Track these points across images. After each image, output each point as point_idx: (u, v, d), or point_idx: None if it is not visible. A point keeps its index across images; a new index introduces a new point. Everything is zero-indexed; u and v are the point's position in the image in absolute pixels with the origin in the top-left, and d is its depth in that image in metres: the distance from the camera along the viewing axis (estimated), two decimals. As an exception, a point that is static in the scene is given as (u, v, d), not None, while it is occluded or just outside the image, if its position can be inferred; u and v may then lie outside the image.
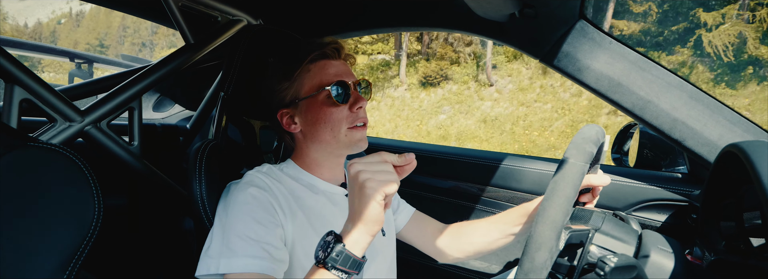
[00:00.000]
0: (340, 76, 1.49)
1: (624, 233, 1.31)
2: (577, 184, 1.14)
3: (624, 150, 2.30)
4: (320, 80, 1.48)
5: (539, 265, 1.05)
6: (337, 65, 1.52)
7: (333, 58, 1.53)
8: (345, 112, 1.48)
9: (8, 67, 1.54)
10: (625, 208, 1.96)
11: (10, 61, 1.55)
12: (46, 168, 1.17)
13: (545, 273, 1.06)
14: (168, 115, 3.03)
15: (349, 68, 1.57)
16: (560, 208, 1.10)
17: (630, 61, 1.63)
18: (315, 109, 1.48)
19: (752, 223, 1.18)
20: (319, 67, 1.50)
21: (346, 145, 1.51)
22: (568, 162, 1.18)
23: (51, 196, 1.17)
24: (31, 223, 1.12)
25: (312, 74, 1.49)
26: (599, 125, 1.34)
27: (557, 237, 1.08)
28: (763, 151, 1.03)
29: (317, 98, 1.48)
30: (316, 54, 1.49)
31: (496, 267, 2.35)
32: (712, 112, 1.58)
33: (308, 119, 1.51)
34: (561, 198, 1.12)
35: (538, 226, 1.09)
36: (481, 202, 2.38)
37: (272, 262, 1.27)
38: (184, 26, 2.03)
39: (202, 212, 1.45)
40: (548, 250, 1.06)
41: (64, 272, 1.17)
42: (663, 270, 1.21)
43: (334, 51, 1.52)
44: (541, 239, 1.07)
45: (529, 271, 1.06)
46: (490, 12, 1.69)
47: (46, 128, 1.71)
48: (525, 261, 1.08)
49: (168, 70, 2.01)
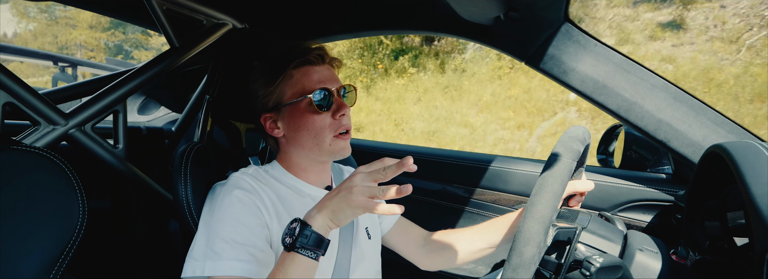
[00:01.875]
0: (323, 83, 1.47)
1: (610, 233, 1.32)
2: (565, 180, 1.15)
3: (609, 151, 2.31)
4: (303, 87, 1.47)
5: (527, 260, 1.06)
6: (320, 71, 1.50)
7: (316, 64, 1.51)
8: (328, 119, 1.47)
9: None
10: (611, 208, 1.97)
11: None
12: (29, 171, 1.17)
13: (533, 268, 1.06)
14: (153, 118, 3.01)
15: (334, 73, 1.56)
16: (548, 204, 1.11)
17: (615, 64, 1.64)
18: (297, 116, 1.48)
19: (736, 222, 1.19)
20: (301, 73, 1.48)
21: (329, 153, 1.50)
22: (556, 159, 1.19)
23: (35, 200, 1.16)
24: (15, 225, 1.11)
25: (294, 80, 1.48)
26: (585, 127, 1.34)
27: (545, 232, 1.09)
28: (747, 151, 1.04)
29: (299, 105, 1.47)
30: (300, 60, 1.48)
31: (482, 268, 2.35)
32: (696, 113, 1.59)
33: (291, 125, 1.50)
34: (549, 193, 1.12)
35: (527, 221, 1.09)
36: (468, 203, 2.38)
37: (258, 266, 1.27)
38: (168, 29, 2.02)
39: (188, 215, 1.44)
40: (536, 245, 1.07)
41: (48, 275, 1.17)
42: (648, 270, 1.22)
43: (317, 57, 1.50)
44: (530, 234, 1.08)
45: (518, 266, 1.06)
46: (475, 15, 1.70)
47: (29, 131, 1.69)
48: (513, 256, 1.08)
49: (153, 73, 2.00)
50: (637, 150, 2.12)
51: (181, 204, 1.44)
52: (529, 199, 1.15)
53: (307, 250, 1.15)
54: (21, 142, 1.19)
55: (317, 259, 1.17)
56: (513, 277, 1.07)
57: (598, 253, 1.21)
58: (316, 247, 1.16)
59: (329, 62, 1.56)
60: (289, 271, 1.15)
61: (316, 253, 1.16)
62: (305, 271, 1.17)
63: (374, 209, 1.14)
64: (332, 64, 1.58)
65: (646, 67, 1.64)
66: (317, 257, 1.17)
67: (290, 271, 1.15)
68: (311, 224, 1.17)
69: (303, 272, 1.16)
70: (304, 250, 1.15)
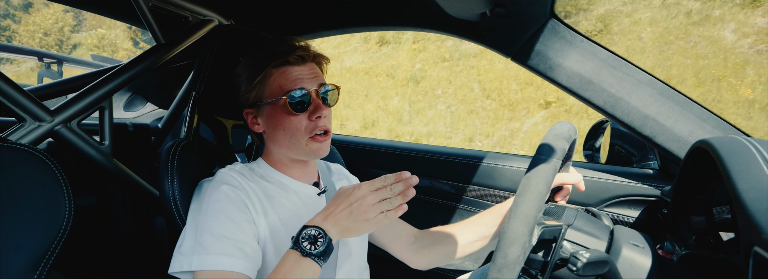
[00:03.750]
0: (301, 83, 1.46)
1: (596, 229, 1.32)
2: (549, 180, 1.15)
3: (595, 146, 2.31)
4: (280, 86, 1.46)
5: (512, 261, 1.06)
6: (299, 71, 1.48)
7: (295, 64, 1.49)
8: (304, 120, 1.46)
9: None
10: (597, 204, 1.97)
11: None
12: (15, 168, 1.16)
13: (518, 268, 1.06)
14: (139, 114, 3.00)
15: (317, 71, 1.54)
16: (533, 204, 1.11)
17: (601, 59, 1.65)
18: (275, 115, 1.48)
19: (722, 217, 1.20)
20: (280, 72, 1.47)
21: (305, 153, 1.50)
22: (541, 159, 1.19)
23: (21, 196, 1.16)
24: (1, 222, 1.10)
25: (272, 80, 1.47)
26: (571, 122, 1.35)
27: (530, 233, 1.09)
28: (733, 147, 1.05)
29: (277, 104, 1.46)
30: (280, 60, 1.47)
31: (469, 264, 2.35)
32: (682, 108, 1.60)
33: (269, 123, 1.51)
34: (533, 194, 1.12)
35: (511, 222, 1.09)
36: (457, 200, 2.39)
37: (245, 261, 1.27)
38: (154, 26, 2.01)
39: (174, 211, 1.44)
40: (521, 245, 1.07)
41: (34, 272, 1.16)
42: (635, 265, 1.22)
43: (297, 59, 1.48)
44: (514, 235, 1.08)
45: (502, 267, 1.06)
46: (461, 11, 1.70)
47: (15, 128, 1.68)
48: (498, 257, 1.08)
49: (139, 70, 1.99)
50: (623, 145, 2.13)
51: (167, 200, 1.44)
52: (514, 200, 1.15)
53: (321, 259, 1.19)
54: (6, 139, 1.18)
55: (321, 264, 1.21)
56: (498, 277, 1.07)
57: (584, 249, 1.21)
58: (327, 255, 1.21)
59: (313, 60, 1.54)
60: (302, 275, 1.19)
61: (325, 260, 1.21)
62: (313, 276, 1.21)
63: (389, 219, 1.22)
64: (315, 61, 1.56)
65: (632, 63, 1.65)
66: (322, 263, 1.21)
67: (303, 276, 1.19)
68: (331, 235, 1.22)
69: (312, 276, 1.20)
70: (320, 258, 1.19)
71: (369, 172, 2.61)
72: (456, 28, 1.89)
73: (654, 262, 1.23)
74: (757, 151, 0.98)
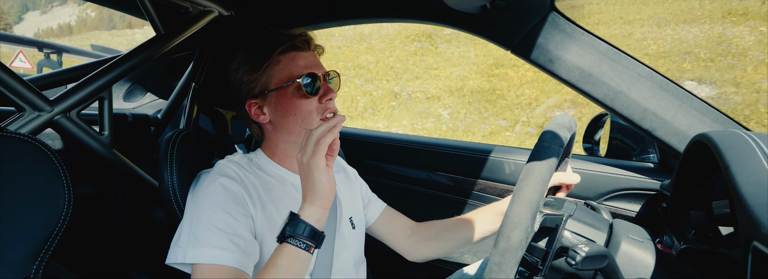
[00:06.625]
0: (310, 68, 1.48)
1: (596, 221, 1.32)
2: (552, 166, 1.15)
3: (595, 140, 2.31)
4: (290, 72, 1.47)
5: (515, 245, 1.06)
6: (306, 57, 1.51)
7: (303, 50, 1.52)
8: (314, 104, 1.48)
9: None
10: (597, 197, 1.98)
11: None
12: (14, 158, 1.16)
13: (520, 253, 1.06)
14: (139, 105, 3.00)
15: (318, 59, 1.57)
16: (536, 188, 1.11)
17: (601, 53, 1.64)
18: (285, 101, 1.48)
19: (721, 211, 1.20)
20: (288, 58, 1.49)
21: None
22: (544, 145, 1.19)
23: (20, 186, 1.16)
24: (0, 212, 1.10)
25: (281, 66, 1.48)
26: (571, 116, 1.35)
27: (533, 217, 1.09)
28: (732, 140, 1.05)
29: (287, 90, 1.47)
30: (287, 46, 1.48)
31: (468, 257, 2.36)
32: (681, 102, 1.60)
33: (278, 111, 1.50)
34: (537, 178, 1.12)
35: (515, 206, 1.09)
36: (454, 192, 2.39)
37: (240, 255, 1.27)
38: (154, 16, 2.01)
39: (173, 202, 1.44)
40: (524, 229, 1.07)
41: (33, 262, 1.16)
42: (634, 259, 1.22)
43: (303, 43, 1.51)
44: (518, 219, 1.07)
45: (505, 251, 1.06)
46: (461, 3, 1.70)
47: (14, 118, 1.68)
48: (500, 241, 1.08)
49: (139, 60, 1.99)
50: (622, 139, 2.13)
51: (166, 191, 1.44)
52: (516, 185, 1.15)
53: (298, 241, 1.18)
54: (6, 129, 1.17)
55: (308, 249, 1.20)
56: (500, 261, 1.07)
57: (584, 242, 1.21)
58: (308, 236, 1.20)
59: (313, 49, 1.56)
60: (291, 264, 1.18)
61: (307, 244, 1.19)
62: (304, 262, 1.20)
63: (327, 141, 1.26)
64: (315, 50, 1.58)
65: (632, 56, 1.65)
66: (308, 248, 1.20)
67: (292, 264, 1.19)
68: (303, 215, 1.22)
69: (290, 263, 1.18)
70: (296, 241, 1.18)
71: (366, 163, 2.61)
72: (456, 21, 1.88)
73: (653, 256, 1.23)
74: (757, 145, 0.98)
